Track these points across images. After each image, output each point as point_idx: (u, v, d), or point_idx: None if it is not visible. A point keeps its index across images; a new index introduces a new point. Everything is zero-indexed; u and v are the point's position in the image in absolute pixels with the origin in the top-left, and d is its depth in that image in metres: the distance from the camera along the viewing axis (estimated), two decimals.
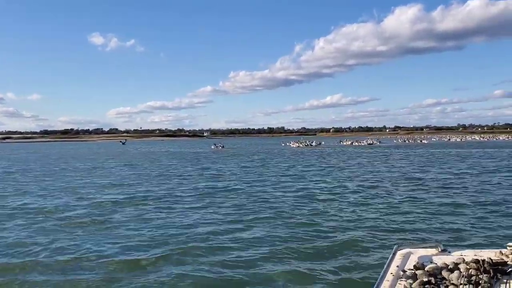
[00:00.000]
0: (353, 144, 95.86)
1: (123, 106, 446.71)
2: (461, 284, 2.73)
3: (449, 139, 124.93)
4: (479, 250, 3.41)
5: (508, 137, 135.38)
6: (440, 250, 3.46)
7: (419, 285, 2.81)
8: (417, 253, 3.42)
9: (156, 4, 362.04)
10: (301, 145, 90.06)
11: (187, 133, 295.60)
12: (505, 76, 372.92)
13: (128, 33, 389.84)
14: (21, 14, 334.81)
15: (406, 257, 3.36)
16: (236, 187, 21.53)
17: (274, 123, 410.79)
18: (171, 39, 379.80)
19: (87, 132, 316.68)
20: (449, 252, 3.42)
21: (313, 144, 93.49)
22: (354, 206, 15.07)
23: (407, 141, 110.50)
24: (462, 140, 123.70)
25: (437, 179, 23.43)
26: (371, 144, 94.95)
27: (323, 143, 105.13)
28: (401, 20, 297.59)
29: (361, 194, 18.08)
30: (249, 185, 22.29)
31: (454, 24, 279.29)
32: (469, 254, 3.29)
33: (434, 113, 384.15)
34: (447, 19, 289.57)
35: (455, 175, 25.08)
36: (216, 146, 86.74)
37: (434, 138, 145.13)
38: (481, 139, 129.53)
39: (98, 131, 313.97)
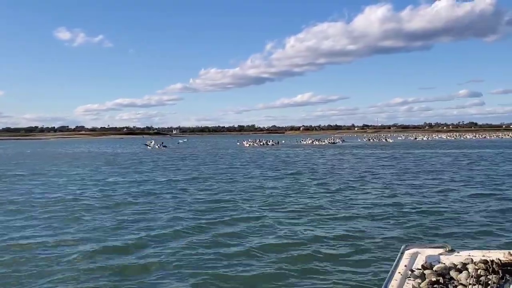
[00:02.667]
0: (314, 143, 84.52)
1: (91, 103, 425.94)
2: (469, 284, 2.68)
3: (416, 138, 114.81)
4: (487, 251, 3.28)
5: (475, 136, 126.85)
6: (447, 250, 3.37)
7: (427, 285, 2.75)
8: (424, 253, 3.34)
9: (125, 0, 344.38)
10: (255, 144, 78.57)
11: (156, 130, 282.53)
12: (469, 76, 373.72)
13: (96, 28, 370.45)
14: None
15: (414, 257, 3.28)
16: (92, 234, 10.57)
17: (246, 121, 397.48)
18: (140, 35, 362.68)
19: (52, 129, 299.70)
20: (457, 252, 3.34)
21: (270, 143, 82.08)
22: None
23: (371, 140, 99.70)
24: (429, 138, 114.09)
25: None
26: (334, 143, 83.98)
27: (284, 142, 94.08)
28: (371, 20, 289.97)
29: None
30: (123, 232, 10.91)
31: (422, 24, 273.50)
32: (477, 255, 3.20)
33: (401, 111, 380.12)
34: (415, 19, 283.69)
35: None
36: (152, 145, 73.55)
37: (400, 137, 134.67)
38: (448, 138, 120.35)
39: (63, 129, 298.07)
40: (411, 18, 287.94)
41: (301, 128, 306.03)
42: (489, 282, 2.68)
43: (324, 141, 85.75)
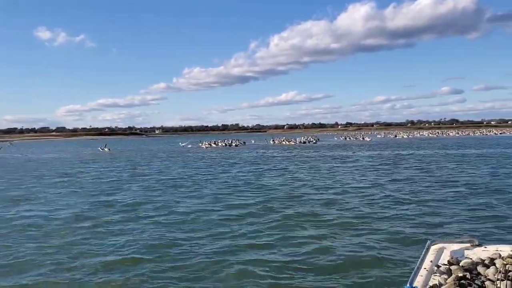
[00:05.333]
0: (283, 142, 74.33)
1: (73, 104, 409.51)
2: (497, 280, 2.50)
3: (396, 136, 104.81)
4: None
5: (458, 133, 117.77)
6: (474, 244, 3.17)
7: (454, 280, 2.58)
8: (451, 248, 3.16)
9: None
10: (213, 145, 68.29)
11: (137, 131, 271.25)
12: (451, 73, 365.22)
13: (77, 27, 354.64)
14: None
15: (439, 252, 3.12)
16: None
17: (230, 120, 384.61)
18: (123, 35, 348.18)
19: (32, 130, 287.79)
20: (484, 247, 3.13)
21: (234, 144, 71.79)
22: None
23: (347, 139, 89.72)
24: (410, 136, 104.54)
25: None
26: (305, 142, 73.93)
27: (253, 141, 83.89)
28: (354, 18, 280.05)
29: None
30: None
31: (405, 22, 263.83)
32: (506, 249, 3.02)
33: (384, 109, 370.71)
34: (398, 17, 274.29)
35: None
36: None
37: (380, 134, 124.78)
38: (430, 135, 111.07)
39: (44, 130, 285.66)
40: (394, 16, 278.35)
41: (285, 127, 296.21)
42: None
43: (294, 141, 75.56)
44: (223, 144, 70.57)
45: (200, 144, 70.81)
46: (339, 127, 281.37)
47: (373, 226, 10.62)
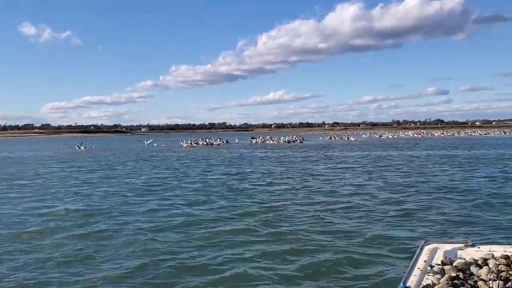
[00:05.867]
0: (266, 142, 72.82)
1: (59, 101, 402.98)
2: (490, 279, 2.55)
3: (381, 136, 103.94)
4: (509, 246, 3.14)
5: (443, 133, 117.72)
6: (468, 245, 3.20)
7: (447, 280, 2.62)
8: (444, 248, 3.18)
9: None
10: (194, 145, 66.50)
11: (123, 129, 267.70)
12: (437, 74, 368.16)
13: (63, 24, 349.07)
14: None
15: (433, 252, 3.14)
16: None
17: (218, 119, 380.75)
18: (109, 32, 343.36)
19: (16, 127, 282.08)
20: (478, 247, 3.17)
21: (216, 143, 70.08)
22: None
23: (333, 138, 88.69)
24: (395, 136, 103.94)
25: None
26: (289, 142, 72.56)
27: (237, 140, 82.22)
28: (342, 18, 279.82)
29: None
30: None
31: (392, 22, 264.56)
32: (499, 250, 3.05)
33: (371, 109, 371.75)
34: (386, 17, 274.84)
35: None
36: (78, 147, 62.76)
37: (365, 134, 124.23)
38: (415, 135, 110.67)
39: (27, 127, 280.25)
40: (382, 16, 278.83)
41: (272, 126, 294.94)
42: (510, 277, 2.54)
43: (278, 140, 74.00)
44: (205, 143, 68.77)
45: (181, 143, 68.82)
46: (326, 126, 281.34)
47: (366, 229, 10.40)
